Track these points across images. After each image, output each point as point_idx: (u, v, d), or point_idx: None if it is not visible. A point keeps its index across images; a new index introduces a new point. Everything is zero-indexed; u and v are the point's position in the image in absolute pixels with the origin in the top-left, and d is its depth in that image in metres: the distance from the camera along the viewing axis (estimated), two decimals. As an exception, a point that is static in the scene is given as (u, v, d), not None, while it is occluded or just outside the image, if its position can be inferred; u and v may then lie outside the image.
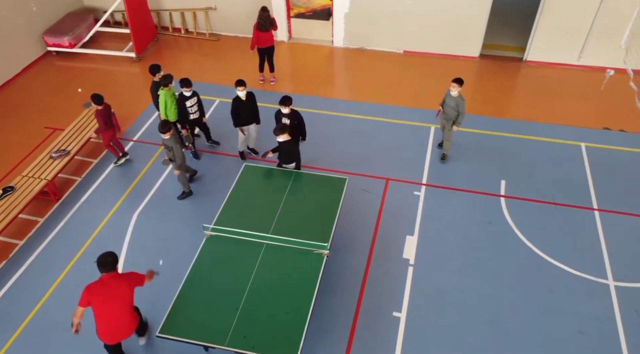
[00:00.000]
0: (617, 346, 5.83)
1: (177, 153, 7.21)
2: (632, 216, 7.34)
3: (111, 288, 5.01)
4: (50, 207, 7.78)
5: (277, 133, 6.78)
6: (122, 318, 5.16)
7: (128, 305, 5.16)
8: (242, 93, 7.64)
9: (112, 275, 5.04)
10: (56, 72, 11.05)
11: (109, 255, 5.04)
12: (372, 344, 5.93)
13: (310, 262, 5.92)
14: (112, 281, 5.03)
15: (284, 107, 7.20)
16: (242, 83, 7.58)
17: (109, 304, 5.02)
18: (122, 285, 5.06)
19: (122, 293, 5.06)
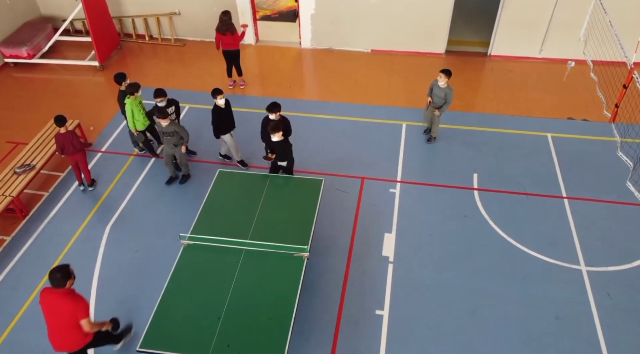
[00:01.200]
0: (593, 328, 6.02)
1: (182, 132, 7.45)
2: (599, 202, 7.59)
3: (55, 305, 4.85)
4: (17, 225, 7.49)
5: (271, 133, 6.74)
6: (62, 334, 4.99)
7: (70, 327, 4.93)
8: (221, 102, 7.52)
9: (61, 292, 4.82)
10: (15, 84, 10.66)
11: (58, 271, 4.81)
12: (356, 343, 5.95)
13: (291, 266, 5.88)
14: (57, 299, 4.84)
15: (271, 113, 7.11)
16: (220, 92, 7.45)
17: (51, 317, 4.91)
18: (64, 308, 4.83)
19: (62, 315, 4.86)
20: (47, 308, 4.91)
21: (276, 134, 6.79)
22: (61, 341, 5.03)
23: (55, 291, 4.84)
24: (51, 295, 4.86)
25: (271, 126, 6.78)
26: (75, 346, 5.07)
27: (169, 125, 7.32)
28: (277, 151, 7.07)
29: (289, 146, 7.06)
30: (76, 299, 4.89)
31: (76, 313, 4.86)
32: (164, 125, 7.32)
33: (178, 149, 7.65)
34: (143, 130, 8.13)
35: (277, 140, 6.87)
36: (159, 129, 7.62)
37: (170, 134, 7.41)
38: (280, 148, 7.01)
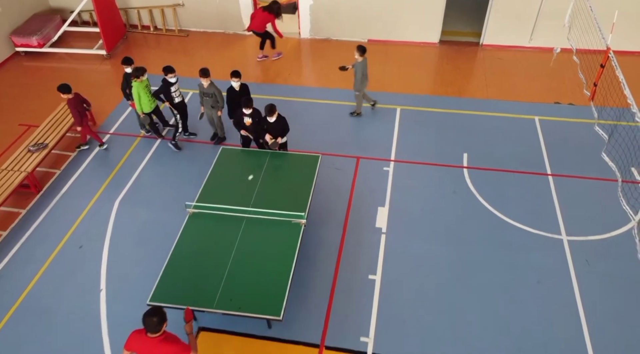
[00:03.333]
0: (571, 291, 6.43)
1: (219, 96, 8.17)
2: (582, 178, 8.01)
3: (151, 350, 4.46)
4: (31, 199, 7.93)
5: (268, 116, 7.22)
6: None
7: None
8: (236, 85, 7.98)
9: (158, 339, 4.40)
10: (25, 72, 11.10)
11: (154, 315, 4.35)
12: (350, 304, 6.37)
13: (289, 232, 6.32)
14: (154, 345, 4.41)
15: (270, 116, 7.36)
16: (236, 75, 7.92)
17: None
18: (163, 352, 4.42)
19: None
20: (142, 352, 4.52)
21: (272, 115, 7.23)
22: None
23: (148, 339, 4.41)
24: (146, 341, 4.42)
25: (267, 109, 7.22)
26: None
27: (209, 86, 8.05)
28: (273, 130, 7.49)
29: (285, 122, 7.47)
30: (174, 344, 4.45)
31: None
32: (206, 86, 8.09)
33: (214, 111, 8.33)
34: (149, 113, 8.56)
35: (274, 120, 7.31)
36: (200, 90, 8.20)
37: (209, 95, 8.12)
38: (276, 126, 7.44)
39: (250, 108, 7.45)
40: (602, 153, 6.55)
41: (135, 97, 8.26)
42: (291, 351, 5.93)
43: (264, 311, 5.47)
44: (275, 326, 6.11)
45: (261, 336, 6.06)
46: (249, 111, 7.42)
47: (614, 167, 6.35)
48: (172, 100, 8.39)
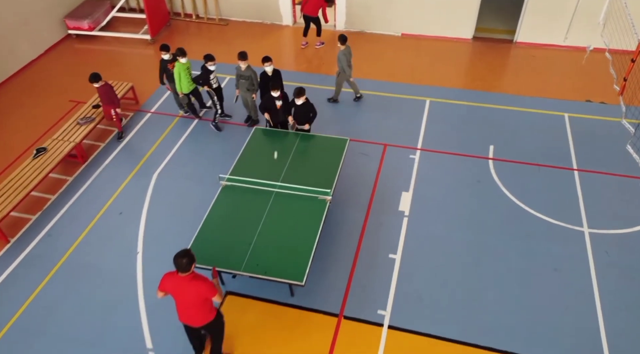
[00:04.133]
0: (588, 280, 6.54)
1: (255, 79, 8.58)
2: (608, 174, 8.04)
3: (183, 288, 4.89)
4: (77, 168, 8.52)
5: (296, 98, 7.56)
6: (192, 311, 5.08)
7: (198, 304, 5.01)
8: (269, 69, 8.37)
9: (187, 277, 4.83)
10: (76, 53, 11.81)
11: (184, 256, 4.74)
12: (369, 280, 6.65)
13: (315, 207, 6.65)
14: (184, 283, 4.85)
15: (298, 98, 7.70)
16: (268, 60, 8.30)
17: (179, 297, 4.99)
18: (193, 289, 4.86)
19: (192, 295, 4.91)
20: (174, 292, 4.94)
21: (300, 98, 7.57)
22: (188, 317, 5.15)
23: (181, 276, 4.83)
24: (178, 280, 4.86)
25: (296, 91, 7.58)
26: (200, 322, 5.18)
27: (246, 69, 8.50)
28: (299, 113, 7.83)
29: (311, 107, 7.80)
30: (203, 281, 4.89)
31: (207, 293, 4.91)
32: (243, 68, 8.51)
33: (249, 94, 8.72)
34: (187, 94, 9.04)
35: (301, 103, 7.66)
36: (237, 72, 8.61)
37: (246, 78, 8.54)
38: (302, 110, 7.77)
39: (279, 91, 7.81)
40: (627, 146, 6.61)
41: (176, 77, 8.75)
42: (311, 318, 6.26)
43: (288, 276, 5.81)
44: (297, 294, 6.46)
45: (284, 303, 6.41)
46: (277, 94, 7.78)
47: (638, 159, 6.41)
48: (211, 86, 8.84)
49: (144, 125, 9.46)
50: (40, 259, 7.07)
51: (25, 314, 6.38)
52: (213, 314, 5.21)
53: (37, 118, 9.68)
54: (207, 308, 5.07)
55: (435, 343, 5.96)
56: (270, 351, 5.93)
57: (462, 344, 5.93)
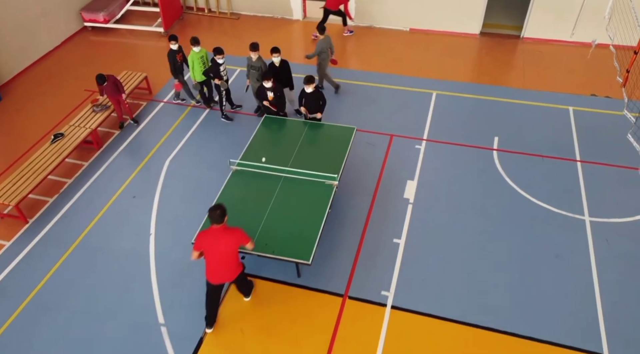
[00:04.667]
0: (588, 266, 6.69)
1: (266, 71, 8.56)
2: (610, 166, 8.18)
3: (218, 239, 5.38)
4: (92, 154, 8.81)
5: (305, 85, 7.80)
6: (225, 264, 5.56)
7: (231, 255, 5.53)
8: (276, 60, 8.59)
9: (221, 228, 5.36)
10: (91, 45, 12.13)
11: (217, 208, 5.31)
12: (374, 262, 6.86)
13: (322, 191, 6.87)
14: (219, 233, 5.37)
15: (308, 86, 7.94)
16: (276, 51, 8.52)
17: (215, 251, 5.44)
18: (228, 237, 5.39)
19: (227, 245, 5.41)
20: (210, 246, 5.42)
21: (310, 86, 7.79)
22: (221, 273, 5.63)
23: (214, 229, 5.36)
24: (211, 233, 5.38)
25: (305, 79, 7.81)
26: (231, 276, 5.71)
27: (257, 60, 8.68)
28: (310, 102, 8.04)
29: (321, 95, 8.00)
30: (236, 230, 5.47)
31: (241, 239, 5.47)
32: (254, 59, 8.71)
33: (259, 84, 8.72)
34: (201, 82, 9.28)
35: (310, 91, 7.88)
36: (249, 63, 8.83)
37: (256, 68, 8.72)
38: (313, 98, 7.99)
39: (270, 82, 8.01)
40: (627, 135, 6.76)
41: (190, 65, 9.00)
42: (317, 297, 6.47)
43: (296, 255, 6.04)
44: (304, 275, 6.69)
45: (291, 283, 6.64)
46: (269, 85, 8.00)
47: (638, 147, 6.56)
48: (222, 78, 9.04)
49: (157, 114, 9.73)
50: (57, 239, 7.35)
51: (44, 289, 6.66)
52: (240, 268, 5.78)
53: (54, 106, 9.99)
54: (236, 262, 5.64)
55: (437, 323, 6.15)
56: (278, 327, 6.16)
57: (463, 325, 6.12)
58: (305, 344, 5.98)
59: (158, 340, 6.06)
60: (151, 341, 6.05)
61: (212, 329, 6.10)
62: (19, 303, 6.50)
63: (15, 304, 6.49)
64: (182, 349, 5.97)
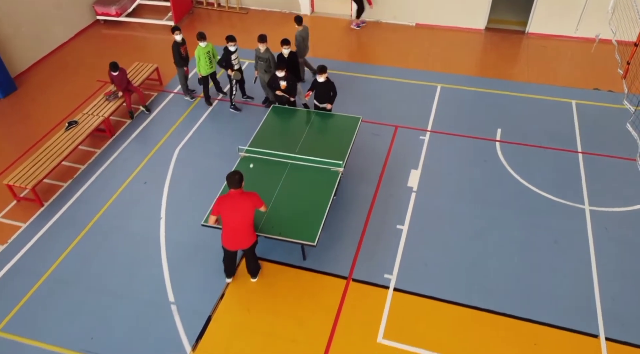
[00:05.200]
0: (587, 252, 6.86)
1: (272, 62, 8.89)
2: (611, 157, 8.33)
3: (236, 202, 5.74)
4: (105, 142, 9.07)
5: (318, 73, 7.99)
6: (242, 229, 5.89)
7: (249, 219, 5.85)
8: (285, 51, 8.81)
9: (239, 192, 5.76)
10: (104, 37, 12.41)
11: (235, 174, 5.73)
12: (377, 247, 7.06)
13: (328, 177, 7.08)
14: (237, 197, 5.75)
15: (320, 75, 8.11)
16: (286, 43, 8.74)
17: (233, 215, 5.78)
18: (245, 201, 5.76)
19: (244, 208, 5.76)
20: (229, 210, 5.76)
21: (322, 75, 8.00)
22: (238, 238, 5.96)
23: (232, 193, 5.76)
24: (230, 198, 5.77)
25: (318, 68, 8.00)
26: (247, 242, 6.03)
27: (265, 51, 8.89)
28: (321, 91, 8.25)
29: (332, 85, 8.21)
30: (249, 193, 5.87)
31: (256, 203, 5.85)
32: (262, 51, 8.91)
33: (267, 76, 9.07)
34: (205, 76, 9.48)
35: (322, 81, 8.08)
36: (256, 54, 9.01)
37: (264, 60, 8.93)
38: (324, 88, 8.20)
39: (284, 71, 8.23)
40: (627, 124, 6.91)
41: (196, 59, 9.22)
42: (322, 280, 6.68)
43: (301, 237, 6.25)
44: (309, 258, 6.90)
45: (296, 266, 6.85)
46: (282, 74, 8.22)
47: (637, 136, 6.71)
48: (232, 67, 9.28)
49: (167, 105, 9.98)
50: (71, 221, 7.61)
51: (60, 268, 6.92)
52: (255, 237, 6.12)
53: (68, 95, 10.27)
54: (251, 229, 5.98)
55: (438, 305, 6.34)
56: (283, 307, 6.37)
57: (463, 307, 6.31)
58: (310, 323, 6.19)
59: (168, 317, 6.30)
60: (162, 318, 6.29)
61: (231, 279, 6.63)
62: (36, 280, 6.77)
63: (32, 282, 6.75)
64: (191, 326, 6.20)
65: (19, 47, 10.79)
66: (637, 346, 5.83)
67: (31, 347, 6.04)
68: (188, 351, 5.95)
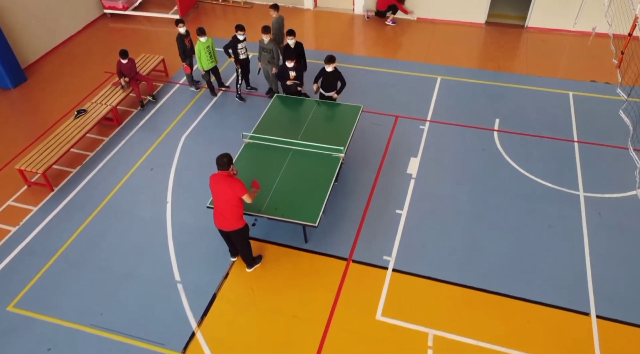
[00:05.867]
0: (580, 236, 7.06)
1: (276, 53, 9.11)
2: (606, 146, 8.52)
3: (220, 185, 5.89)
4: (112, 130, 9.32)
5: (326, 64, 8.21)
6: (224, 211, 6.00)
7: (231, 205, 5.92)
8: (291, 42, 9.03)
9: (224, 174, 5.86)
10: (110, 31, 12.66)
11: (224, 156, 5.83)
12: (377, 230, 7.28)
13: (329, 162, 7.29)
14: (221, 179, 5.87)
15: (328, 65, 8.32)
16: (291, 33, 8.97)
17: (217, 195, 5.98)
18: (226, 185, 5.84)
19: (225, 193, 5.87)
20: (214, 190, 5.97)
21: (330, 65, 8.21)
22: (221, 219, 6.08)
23: (220, 174, 5.90)
24: (217, 177, 5.92)
25: (327, 58, 8.22)
26: (230, 226, 6.09)
27: (269, 42, 9.07)
28: (328, 81, 8.47)
29: (339, 75, 8.43)
30: (236, 180, 5.92)
31: (238, 191, 5.85)
32: (266, 42, 9.09)
33: (270, 67, 9.30)
34: (207, 71, 9.70)
35: (330, 71, 8.30)
36: (260, 45, 9.21)
37: (267, 51, 9.12)
38: (332, 78, 8.42)
39: (293, 61, 8.45)
40: (619, 111, 7.11)
41: (197, 54, 9.41)
42: (322, 261, 6.91)
43: (303, 218, 6.47)
44: (311, 240, 7.13)
45: (298, 248, 7.08)
46: (291, 64, 8.45)
47: (629, 122, 6.90)
48: (238, 56, 9.51)
49: (173, 95, 10.22)
50: (81, 205, 7.86)
51: (70, 248, 7.17)
52: (241, 223, 6.15)
53: (76, 86, 10.52)
54: (237, 214, 6.04)
55: (435, 284, 6.56)
56: (285, 287, 6.60)
57: (460, 286, 6.52)
58: (311, 301, 6.42)
59: (175, 295, 6.54)
60: (168, 296, 6.53)
61: (236, 258, 6.85)
62: (47, 260, 7.02)
63: (43, 261, 7.00)
64: (196, 303, 6.44)
65: (29, 39, 11.05)
66: (627, 323, 6.03)
67: (43, 322, 6.29)
68: (194, 326, 6.19)
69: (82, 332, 6.17)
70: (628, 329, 5.98)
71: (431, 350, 5.88)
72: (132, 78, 9.54)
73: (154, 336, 6.10)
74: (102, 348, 6.01)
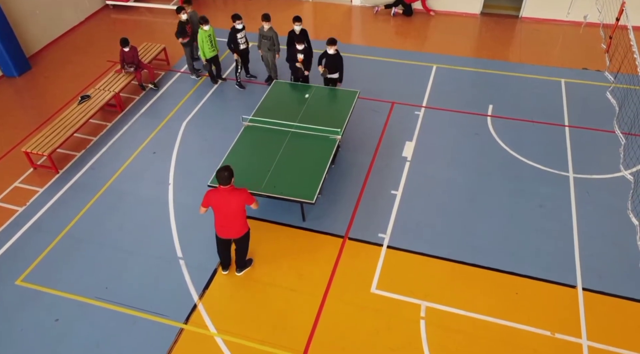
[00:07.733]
0: (569, 214, 7.30)
1: (276, 40, 9.29)
2: (595, 130, 8.76)
3: (224, 199, 5.75)
4: (115, 116, 9.56)
5: (327, 46, 8.44)
6: (233, 222, 5.96)
7: (238, 215, 5.90)
8: (297, 28, 9.17)
9: (228, 189, 5.72)
10: (113, 21, 12.89)
11: (224, 171, 5.63)
12: (372, 209, 7.52)
13: (327, 144, 7.53)
14: (226, 194, 5.73)
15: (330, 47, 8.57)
16: (298, 20, 9.08)
17: (222, 210, 5.86)
18: (233, 199, 5.73)
19: (234, 203, 5.77)
20: (217, 206, 5.81)
21: (332, 47, 8.44)
22: (227, 229, 6.04)
23: (222, 189, 5.72)
24: (219, 193, 5.74)
25: (329, 40, 8.45)
26: (237, 233, 6.10)
27: (269, 30, 9.25)
28: (330, 63, 8.69)
29: (340, 59, 8.66)
30: (242, 191, 5.82)
31: (246, 200, 5.84)
32: (266, 29, 9.26)
33: (270, 54, 9.49)
34: (209, 60, 9.91)
35: (332, 53, 8.53)
36: (260, 32, 9.39)
37: (267, 38, 9.31)
38: (333, 60, 8.64)
39: (303, 44, 8.67)
40: (606, 93, 7.34)
41: (199, 44, 9.61)
42: (320, 239, 7.15)
43: (301, 195, 6.71)
44: (308, 219, 7.37)
45: (296, 226, 7.32)
46: (301, 47, 8.67)
47: (615, 102, 7.12)
48: (238, 46, 9.70)
49: (174, 83, 10.45)
50: (85, 186, 8.10)
51: (76, 227, 7.41)
52: (246, 228, 6.19)
53: (79, 74, 10.76)
54: (243, 221, 6.04)
55: (427, 260, 6.80)
56: (283, 262, 6.84)
57: (452, 262, 6.77)
58: (309, 275, 6.66)
59: (177, 271, 6.78)
60: (171, 271, 6.77)
61: (227, 271, 6.73)
62: (54, 237, 7.26)
63: (50, 238, 7.25)
64: (198, 278, 6.68)
65: (33, 29, 11.29)
66: (611, 294, 6.28)
67: (50, 294, 6.54)
68: (195, 299, 6.43)
69: (88, 304, 6.42)
70: (611, 300, 6.22)
71: (424, 321, 6.13)
72: (134, 66, 9.77)
73: (157, 308, 6.35)
74: (109, 319, 6.25)
